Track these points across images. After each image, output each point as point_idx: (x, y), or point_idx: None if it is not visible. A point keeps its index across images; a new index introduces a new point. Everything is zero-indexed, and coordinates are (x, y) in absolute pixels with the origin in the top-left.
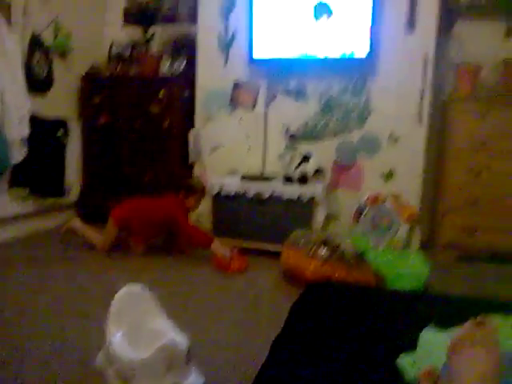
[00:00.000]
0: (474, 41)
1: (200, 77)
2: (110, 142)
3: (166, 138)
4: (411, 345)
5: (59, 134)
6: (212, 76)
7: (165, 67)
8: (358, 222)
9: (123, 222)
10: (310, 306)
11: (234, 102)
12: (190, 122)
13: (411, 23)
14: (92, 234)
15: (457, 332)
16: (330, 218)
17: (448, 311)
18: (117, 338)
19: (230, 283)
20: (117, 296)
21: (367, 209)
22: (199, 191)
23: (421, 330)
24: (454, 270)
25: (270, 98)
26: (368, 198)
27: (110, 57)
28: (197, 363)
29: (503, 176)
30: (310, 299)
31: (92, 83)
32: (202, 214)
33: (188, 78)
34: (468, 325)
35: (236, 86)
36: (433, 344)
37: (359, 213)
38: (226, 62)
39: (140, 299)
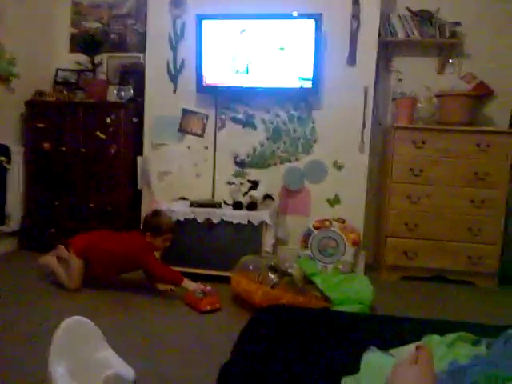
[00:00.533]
0: (411, 75)
1: (148, 104)
2: (54, 168)
3: (113, 164)
4: (354, 367)
5: (0, 159)
6: (160, 103)
7: (112, 94)
8: (305, 246)
9: (82, 252)
10: (257, 331)
11: (182, 129)
12: (138, 149)
13: (352, 58)
14: (62, 272)
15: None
16: (279, 243)
17: (390, 332)
18: (59, 373)
19: (178, 310)
20: (59, 329)
21: (314, 233)
22: (168, 232)
23: (364, 351)
24: (397, 290)
25: (219, 126)
26: (315, 223)
27: (55, 83)
28: None
29: (440, 202)
30: (257, 324)
31: (36, 109)
32: None
33: (136, 104)
34: (410, 356)
35: (185, 113)
36: (374, 366)
37: (307, 237)
38: (175, 89)
39: (84, 331)
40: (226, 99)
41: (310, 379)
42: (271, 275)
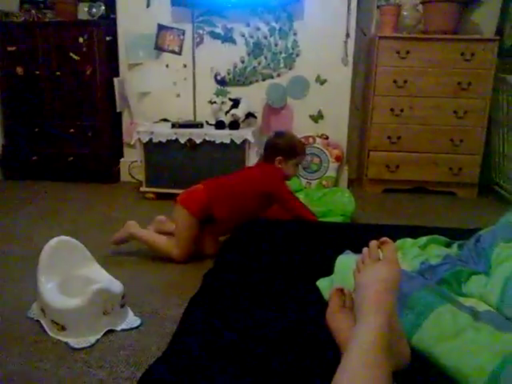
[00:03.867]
0: None
1: (121, 21)
2: (30, 93)
3: (90, 87)
4: (330, 270)
5: None
6: (134, 20)
7: (83, 11)
8: None
9: (206, 210)
10: (241, 241)
11: (159, 47)
12: (114, 69)
13: None
14: (159, 239)
15: (363, 256)
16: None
17: (367, 238)
18: (48, 288)
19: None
20: (46, 247)
21: None
22: (303, 152)
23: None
24: (379, 202)
25: (197, 42)
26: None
27: (21, 2)
28: (133, 306)
29: (423, 114)
30: (242, 235)
31: (4, 31)
32: (132, 164)
33: (109, 22)
34: (371, 245)
35: (160, 29)
36: (347, 267)
37: None
38: (149, 3)
39: (71, 249)
40: (203, 12)
41: (288, 282)
42: None
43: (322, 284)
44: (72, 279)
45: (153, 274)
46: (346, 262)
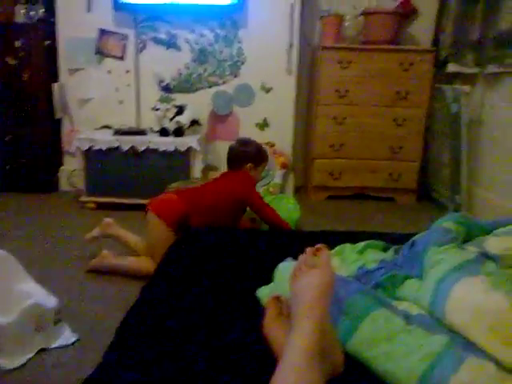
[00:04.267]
0: None
1: (61, 25)
2: None
3: (27, 93)
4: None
5: None
6: (74, 24)
7: (20, 14)
8: None
9: (182, 221)
10: (182, 252)
11: (100, 52)
12: (54, 75)
13: None
14: (134, 261)
15: (299, 263)
16: (209, 169)
17: (309, 245)
18: None
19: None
20: None
21: None
22: (267, 158)
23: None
24: (323, 209)
25: (140, 47)
26: None
27: None
28: (69, 321)
29: (364, 122)
30: (183, 245)
31: None
32: (73, 173)
33: (48, 26)
34: (307, 252)
35: (102, 33)
36: (286, 274)
37: None
38: (89, 7)
39: (2, 263)
40: (146, 17)
41: (228, 292)
42: None
43: (262, 293)
44: (4, 295)
45: (94, 285)
46: (285, 269)
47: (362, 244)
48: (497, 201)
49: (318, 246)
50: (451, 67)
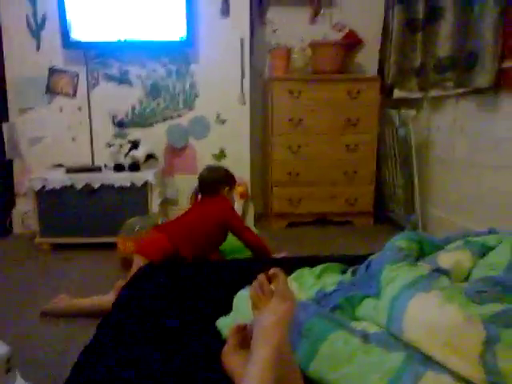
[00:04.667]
0: (285, 26)
1: (9, 64)
2: None
3: None
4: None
5: None
6: (23, 63)
7: None
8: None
9: (169, 255)
10: (140, 287)
11: (51, 90)
12: (3, 114)
13: (226, 10)
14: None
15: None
16: (169, 203)
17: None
18: None
19: (64, 279)
20: None
21: None
22: (235, 181)
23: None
24: (284, 236)
25: (92, 84)
26: None
27: None
28: (22, 369)
29: (318, 150)
30: (141, 280)
31: None
32: (26, 215)
33: None
34: (259, 279)
35: (52, 72)
36: (244, 302)
37: (196, 194)
38: (39, 46)
39: None
40: (97, 54)
41: (188, 324)
42: None
43: (222, 323)
44: None
45: (48, 329)
46: (243, 297)
47: (319, 267)
48: (449, 218)
49: (271, 271)
50: (397, 93)
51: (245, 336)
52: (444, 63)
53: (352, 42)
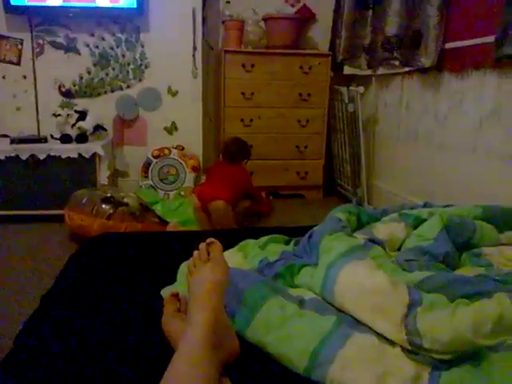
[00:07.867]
0: None
1: None
2: None
3: None
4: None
5: None
6: None
7: None
8: (146, 175)
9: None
10: (85, 258)
11: None
12: None
13: None
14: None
15: (194, 258)
16: (118, 175)
17: None
18: None
19: (10, 253)
20: None
21: (154, 162)
22: None
23: None
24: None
25: (37, 52)
26: (154, 152)
27: None
28: None
29: (270, 124)
30: (86, 251)
31: None
32: None
33: None
34: (200, 248)
35: None
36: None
37: (147, 167)
38: None
39: None
40: (42, 21)
41: (134, 294)
42: (105, 206)
43: (167, 292)
44: None
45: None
46: (185, 267)
47: (264, 239)
48: (393, 191)
49: (209, 239)
50: (347, 70)
51: (181, 303)
52: (391, 42)
53: (305, 17)
